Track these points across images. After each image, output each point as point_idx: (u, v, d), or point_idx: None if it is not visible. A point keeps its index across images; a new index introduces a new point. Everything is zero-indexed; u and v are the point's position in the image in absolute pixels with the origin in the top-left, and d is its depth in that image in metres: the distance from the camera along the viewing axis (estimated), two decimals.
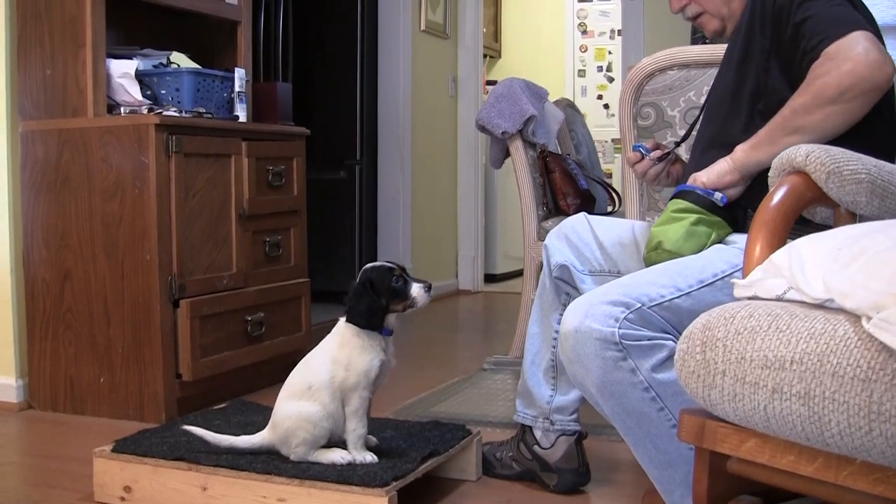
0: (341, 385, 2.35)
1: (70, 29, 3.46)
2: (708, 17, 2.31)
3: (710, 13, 2.30)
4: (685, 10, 2.33)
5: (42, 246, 3.53)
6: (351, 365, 2.35)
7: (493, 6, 9.51)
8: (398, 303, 2.36)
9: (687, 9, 2.32)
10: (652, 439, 1.94)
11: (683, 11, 2.33)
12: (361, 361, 2.35)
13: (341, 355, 2.37)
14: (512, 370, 4.09)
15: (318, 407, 2.34)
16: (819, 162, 1.68)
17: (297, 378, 2.43)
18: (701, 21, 2.34)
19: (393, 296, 2.35)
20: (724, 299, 1.91)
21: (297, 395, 2.38)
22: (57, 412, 3.53)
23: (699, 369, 1.45)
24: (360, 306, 2.34)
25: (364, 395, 2.36)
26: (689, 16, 2.34)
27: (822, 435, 1.28)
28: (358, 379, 2.35)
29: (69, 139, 3.46)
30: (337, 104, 6.27)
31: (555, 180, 4.20)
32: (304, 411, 2.34)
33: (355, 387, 2.35)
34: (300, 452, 2.36)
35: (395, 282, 2.34)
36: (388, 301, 2.35)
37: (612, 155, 9.14)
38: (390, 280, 2.34)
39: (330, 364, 2.37)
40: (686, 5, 2.32)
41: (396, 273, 2.35)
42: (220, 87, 3.83)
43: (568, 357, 1.96)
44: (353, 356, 2.35)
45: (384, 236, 6.47)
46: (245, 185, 3.70)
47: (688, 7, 2.32)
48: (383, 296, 2.34)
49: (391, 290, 2.34)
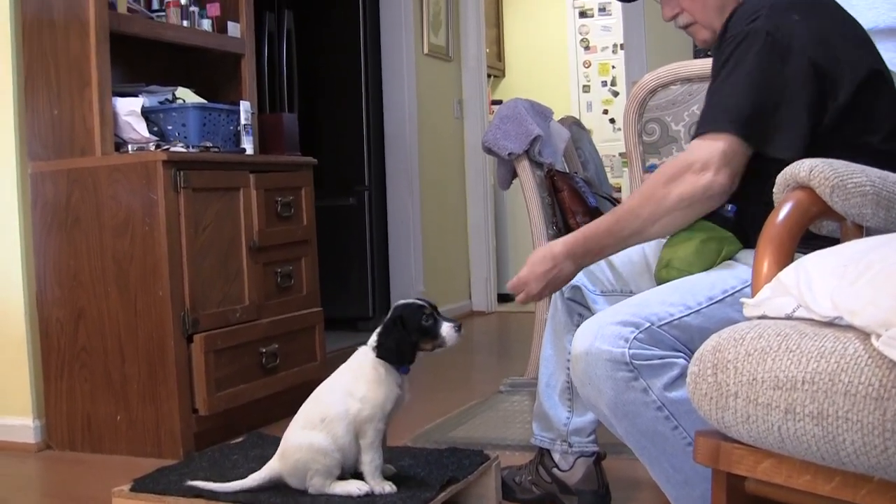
0: (356, 417, 2.34)
1: (75, 68, 3.48)
2: (698, 28, 2.31)
3: (700, 24, 2.29)
4: (677, 19, 2.33)
5: (55, 285, 3.54)
6: (367, 398, 2.33)
7: (495, 27, 9.53)
8: (428, 341, 2.34)
9: (679, 17, 2.32)
10: (668, 458, 1.93)
11: (675, 20, 2.34)
12: (377, 395, 2.33)
13: (357, 388, 2.35)
14: (528, 392, 4.08)
15: (330, 439, 2.33)
16: (823, 176, 1.68)
17: (310, 408, 2.42)
18: (692, 31, 2.33)
19: (423, 334, 2.33)
20: (735, 315, 1.90)
21: (309, 426, 2.37)
22: (75, 451, 3.54)
23: (711, 392, 1.45)
24: (389, 342, 2.33)
25: (379, 427, 2.35)
26: (681, 24, 2.34)
27: (838, 454, 1.28)
28: (373, 412, 2.33)
29: (78, 178, 3.48)
30: (343, 131, 6.29)
31: (563, 199, 4.19)
32: (315, 442, 2.33)
33: (370, 419, 2.33)
34: (317, 485, 2.35)
35: (425, 320, 2.32)
36: (417, 339, 2.33)
37: (619, 169, 9.13)
38: (420, 318, 2.32)
39: (345, 396, 2.36)
40: (678, 14, 2.32)
41: (427, 311, 2.33)
42: (225, 120, 3.84)
43: (580, 379, 1.96)
44: (370, 389, 2.34)
45: (396, 260, 6.47)
46: (254, 217, 3.72)
47: (679, 16, 2.32)
48: (413, 333, 2.32)
49: (421, 329, 2.32)
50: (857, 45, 2.09)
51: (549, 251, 2.18)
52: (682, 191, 2.02)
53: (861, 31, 2.14)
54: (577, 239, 2.17)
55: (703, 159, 2.00)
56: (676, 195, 2.03)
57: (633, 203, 2.10)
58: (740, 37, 2.05)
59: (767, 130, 2.00)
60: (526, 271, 2.20)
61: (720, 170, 2.00)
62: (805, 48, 2.00)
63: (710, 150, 2.01)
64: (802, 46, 2.00)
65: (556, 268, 2.17)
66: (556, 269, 2.17)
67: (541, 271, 2.18)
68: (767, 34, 2.01)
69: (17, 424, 3.61)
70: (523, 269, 2.21)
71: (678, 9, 2.31)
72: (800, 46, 2.00)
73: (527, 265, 2.21)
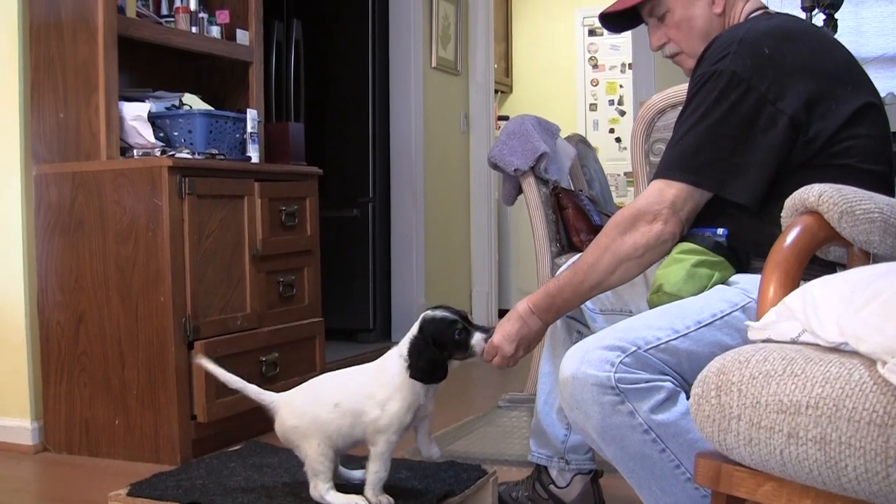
0: (371, 423, 2.27)
1: (83, 73, 3.48)
2: (684, 57, 2.31)
3: (686, 53, 2.30)
4: (664, 49, 2.33)
5: (56, 289, 3.54)
6: (387, 407, 2.26)
7: (503, 42, 9.54)
8: (460, 354, 2.27)
9: (666, 47, 2.33)
10: (656, 481, 1.92)
11: (662, 50, 2.34)
12: (399, 406, 2.26)
13: (380, 392, 2.27)
14: (527, 407, 4.07)
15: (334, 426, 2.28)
16: (832, 202, 1.67)
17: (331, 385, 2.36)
18: (678, 60, 2.34)
19: (455, 348, 2.26)
20: (725, 339, 1.92)
21: (320, 403, 2.31)
22: (72, 454, 3.53)
23: (714, 414, 1.44)
24: (421, 362, 2.24)
25: (393, 439, 2.27)
26: (668, 54, 2.35)
27: (839, 480, 1.27)
28: (390, 422, 2.25)
29: (83, 182, 3.48)
30: (349, 142, 6.29)
31: (568, 217, 4.20)
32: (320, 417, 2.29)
33: (385, 429, 2.26)
34: (321, 490, 2.31)
35: (458, 335, 2.25)
36: (450, 353, 2.26)
37: (624, 189, 9.14)
38: (453, 333, 2.24)
39: (365, 399, 2.28)
40: (664, 44, 2.32)
41: (459, 326, 2.25)
42: (232, 128, 3.85)
43: (567, 403, 1.96)
44: (392, 398, 2.26)
45: (398, 273, 6.46)
46: (258, 225, 3.72)
47: (666, 46, 2.33)
48: (446, 349, 2.25)
49: (454, 343, 2.25)
50: (835, 76, 2.06)
51: (515, 310, 2.25)
52: (635, 240, 2.09)
53: (844, 60, 2.13)
54: (541, 295, 2.23)
55: (654, 210, 2.07)
56: (631, 244, 2.10)
57: (590, 258, 2.15)
58: (704, 78, 2.06)
59: (722, 176, 2.04)
60: (497, 335, 2.24)
61: (669, 219, 2.07)
62: (769, 89, 2.00)
63: (660, 199, 2.07)
64: (768, 87, 2.00)
65: (524, 325, 2.22)
66: (524, 326, 2.22)
67: (510, 331, 2.23)
68: (733, 75, 2.01)
69: (15, 426, 3.60)
70: (494, 335, 2.25)
71: (665, 38, 2.32)
72: (765, 88, 2.00)
73: (496, 330, 2.26)
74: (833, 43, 2.18)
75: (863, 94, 2.07)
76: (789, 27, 2.13)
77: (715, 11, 2.24)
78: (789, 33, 2.10)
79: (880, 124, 2.10)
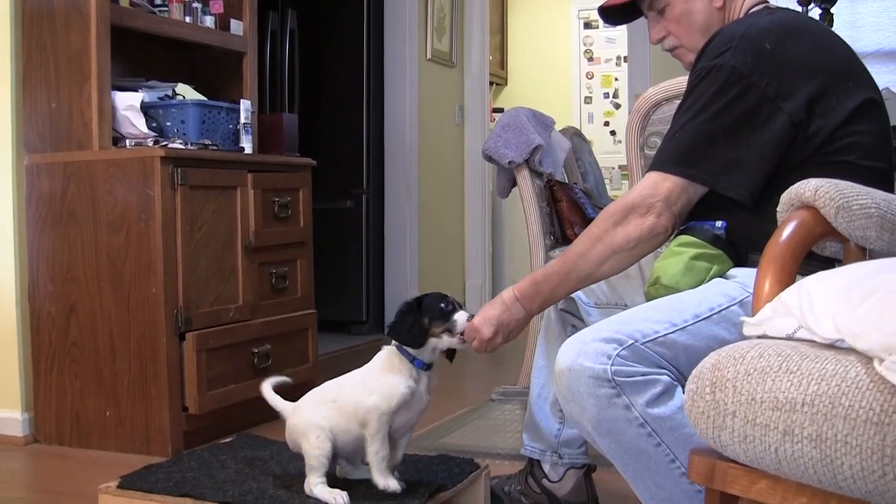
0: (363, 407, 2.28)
1: (75, 62, 3.46)
2: (684, 51, 2.29)
3: (685, 47, 2.28)
4: (663, 42, 2.32)
5: (47, 279, 3.52)
6: (373, 388, 2.29)
7: (499, 34, 9.52)
8: (439, 324, 2.27)
9: (665, 40, 2.32)
10: (651, 475, 1.91)
11: (662, 43, 2.33)
12: (386, 384, 2.28)
13: (370, 379, 2.32)
14: (520, 401, 4.06)
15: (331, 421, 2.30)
16: (828, 197, 1.66)
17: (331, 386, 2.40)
18: (678, 54, 2.33)
19: (437, 317, 2.27)
20: (722, 333, 1.90)
21: (319, 401, 2.35)
22: (63, 446, 3.52)
23: (709, 410, 1.43)
24: (399, 320, 2.29)
25: (383, 418, 2.27)
26: (667, 48, 2.33)
27: (835, 478, 1.26)
28: (378, 401, 2.27)
29: (74, 172, 3.46)
30: (343, 134, 6.28)
31: (562, 210, 4.19)
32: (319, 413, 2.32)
33: (374, 409, 2.26)
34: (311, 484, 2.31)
35: (445, 306, 2.27)
36: (430, 321, 2.27)
37: (619, 182, 9.14)
38: (439, 304, 2.28)
39: (359, 390, 2.32)
40: (664, 37, 2.31)
41: (448, 301, 2.29)
42: (225, 118, 3.83)
43: (563, 396, 1.95)
44: (378, 379, 2.30)
45: (391, 265, 6.45)
46: (251, 216, 3.70)
47: (666, 39, 2.31)
48: (426, 315, 2.27)
49: (438, 312, 2.27)
50: (836, 73, 2.05)
51: (500, 296, 2.23)
52: (627, 232, 2.07)
53: (846, 56, 2.11)
54: (527, 283, 2.21)
55: (648, 203, 2.05)
56: (623, 237, 2.07)
57: (580, 248, 2.13)
58: (704, 72, 2.05)
59: (717, 171, 2.02)
60: (477, 317, 2.23)
61: (662, 213, 2.05)
62: (769, 86, 1.99)
63: (654, 192, 2.06)
64: (768, 83, 1.99)
65: (506, 311, 2.20)
66: (506, 312, 2.19)
67: (491, 314, 2.20)
68: (733, 70, 2.00)
69: (6, 417, 3.59)
70: (475, 317, 2.23)
71: (664, 32, 2.31)
72: (765, 83, 1.99)
73: (478, 313, 2.24)
74: (834, 38, 2.16)
75: (864, 89, 2.06)
76: (791, 23, 2.12)
77: (715, 5, 2.22)
78: (791, 29, 2.08)
79: (881, 120, 2.09)
